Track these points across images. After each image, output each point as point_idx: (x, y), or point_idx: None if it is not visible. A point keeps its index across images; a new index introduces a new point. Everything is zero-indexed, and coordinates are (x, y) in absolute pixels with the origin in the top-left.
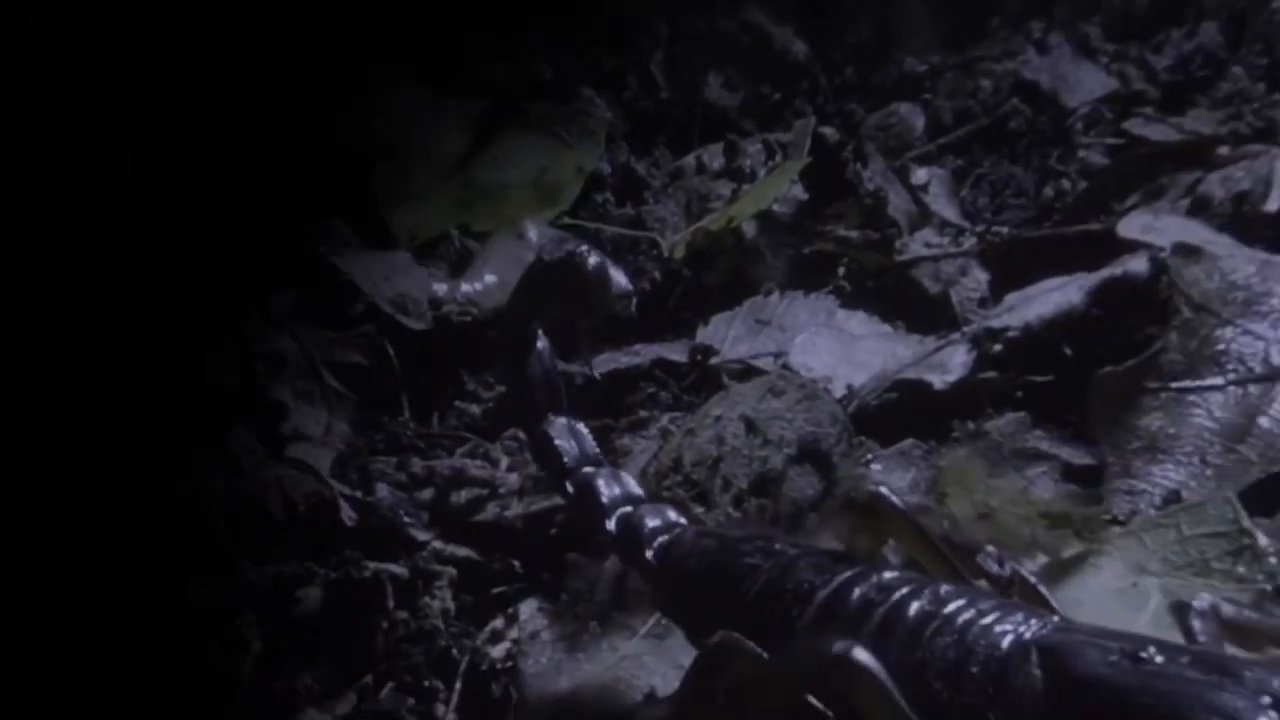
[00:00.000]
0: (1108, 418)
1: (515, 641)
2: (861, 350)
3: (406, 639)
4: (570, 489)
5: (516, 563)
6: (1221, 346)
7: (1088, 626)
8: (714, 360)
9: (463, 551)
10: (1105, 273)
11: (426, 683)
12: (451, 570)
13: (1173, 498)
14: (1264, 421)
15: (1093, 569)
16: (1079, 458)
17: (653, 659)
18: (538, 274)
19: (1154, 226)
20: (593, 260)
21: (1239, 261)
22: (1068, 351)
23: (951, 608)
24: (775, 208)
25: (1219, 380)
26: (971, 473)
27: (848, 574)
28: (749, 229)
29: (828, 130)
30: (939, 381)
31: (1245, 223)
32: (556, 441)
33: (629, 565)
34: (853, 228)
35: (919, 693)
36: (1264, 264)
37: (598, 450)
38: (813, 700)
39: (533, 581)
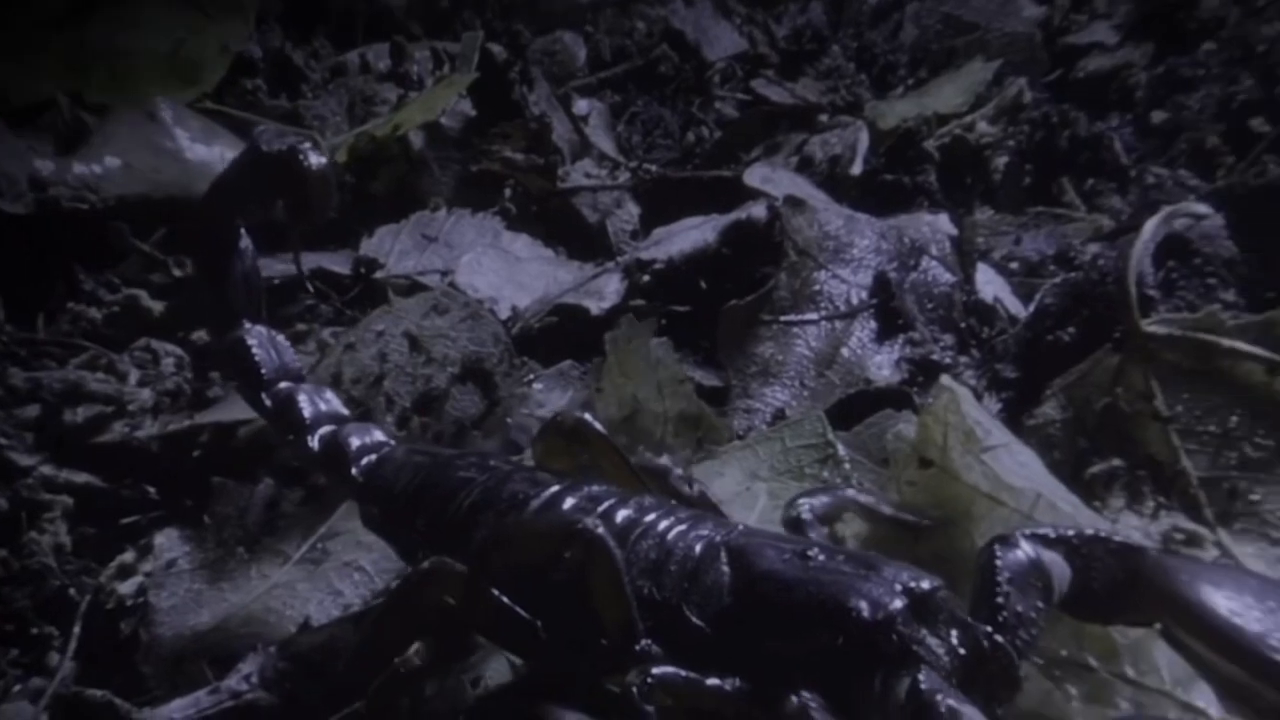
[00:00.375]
0: (732, 345)
1: (149, 575)
2: (525, 273)
3: (7, 581)
4: (268, 403)
5: (151, 489)
6: (817, 287)
7: (766, 532)
8: (379, 274)
9: (81, 478)
10: (733, 216)
11: (35, 630)
12: (66, 499)
13: (779, 415)
14: (845, 351)
15: (716, 475)
16: (710, 380)
17: (307, 586)
18: (252, 165)
19: (771, 178)
20: (316, 159)
21: (831, 215)
22: (703, 285)
23: (652, 516)
24: (443, 121)
25: (814, 315)
26: (625, 376)
27: (559, 486)
28: (416, 140)
29: (496, 48)
30: (595, 307)
31: (837, 182)
32: (254, 351)
33: (334, 483)
34: (518, 150)
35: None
36: (849, 219)
37: (299, 364)
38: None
39: (171, 509)
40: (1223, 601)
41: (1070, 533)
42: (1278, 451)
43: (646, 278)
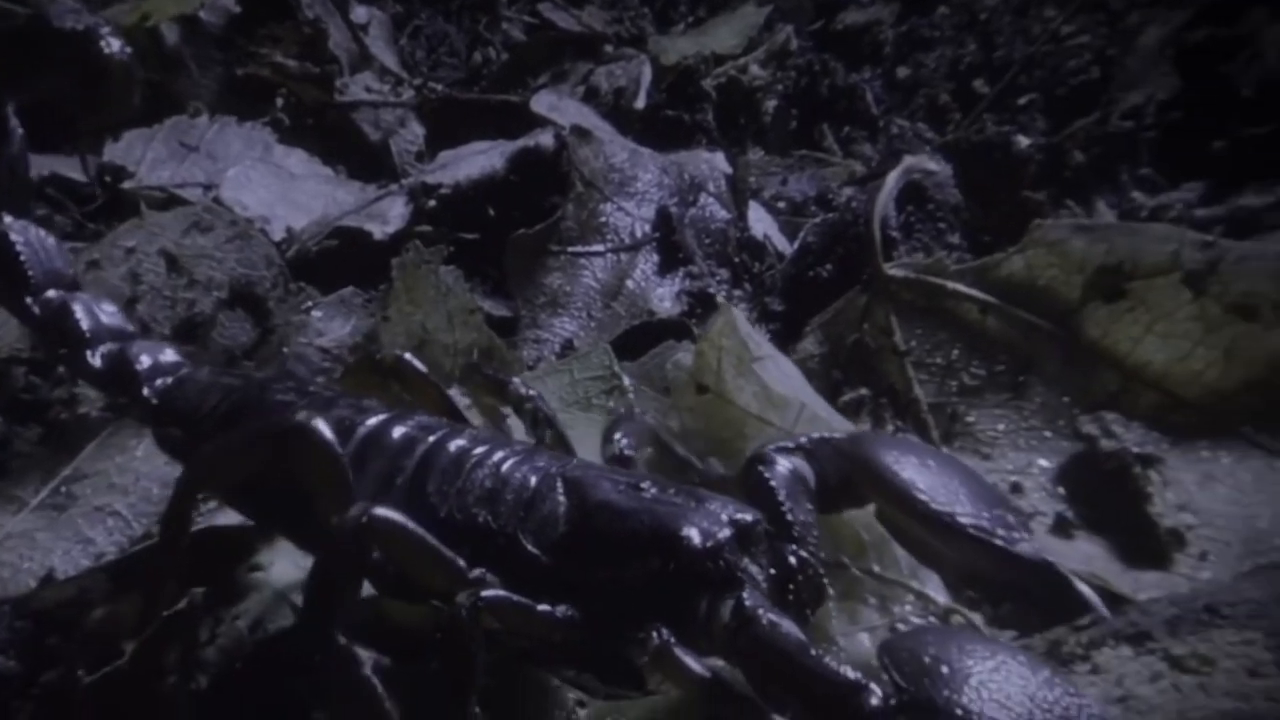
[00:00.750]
0: (521, 275)
1: None
2: (301, 191)
3: None
4: (36, 311)
5: None
6: (603, 219)
7: (601, 465)
8: (127, 184)
9: None
10: (521, 143)
11: None
12: None
13: (568, 346)
14: (630, 284)
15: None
16: (499, 310)
17: (49, 535)
18: (34, 38)
19: (558, 106)
20: (118, 46)
21: (616, 148)
22: (491, 212)
23: (486, 447)
24: (203, 15)
25: (601, 247)
26: (413, 304)
27: (387, 414)
28: (170, 34)
29: None
30: (379, 231)
31: (622, 114)
32: (19, 249)
33: (121, 403)
34: (290, 56)
35: (461, 518)
36: (633, 152)
37: (73, 271)
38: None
39: None
40: (914, 476)
41: (804, 439)
42: (988, 380)
43: (433, 203)
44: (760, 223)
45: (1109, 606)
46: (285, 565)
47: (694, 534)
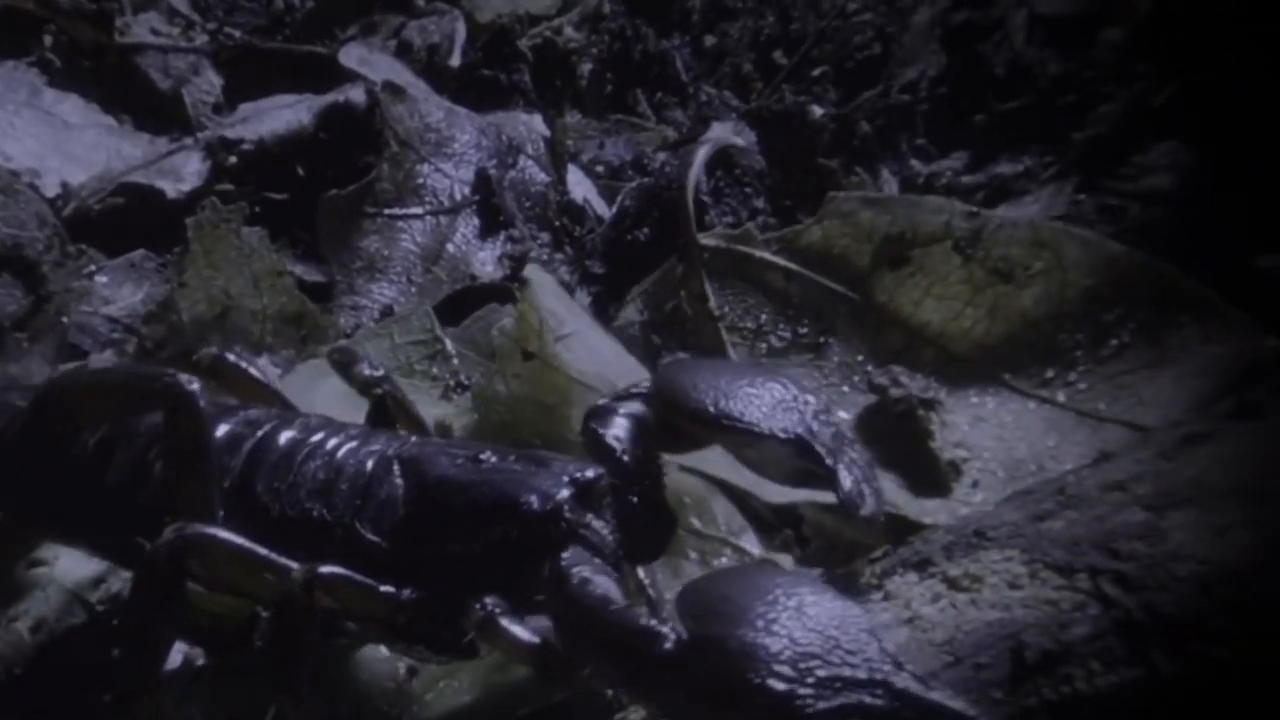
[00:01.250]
0: (335, 238)
1: None
2: (78, 142)
3: None
4: None
5: None
6: (421, 180)
7: (441, 440)
8: None
9: None
10: (330, 97)
11: None
12: None
13: (387, 312)
14: (451, 247)
15: (322, 376)
16: (312, 275)
17: None
18: None
19: (369, 60)
20: None
21: (431, 106)
22: (300, 171)
23: (320, 435)
24: None
25: (419, 210)
26: (213, 268)
27: (265, 430)
28: None
29: None
30: (172, 189)
31: (436, 72)
32: None
33: None
34: None
35: (295, 515)
36: (450, 112)
37: None
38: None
39: None
40: (705, 390)
41: (639, 385)
42: (793, 341)
43: (233, 159)
44: (579, 186)
45: (896, 539)
46: (72, 561)
47: (533, 498)
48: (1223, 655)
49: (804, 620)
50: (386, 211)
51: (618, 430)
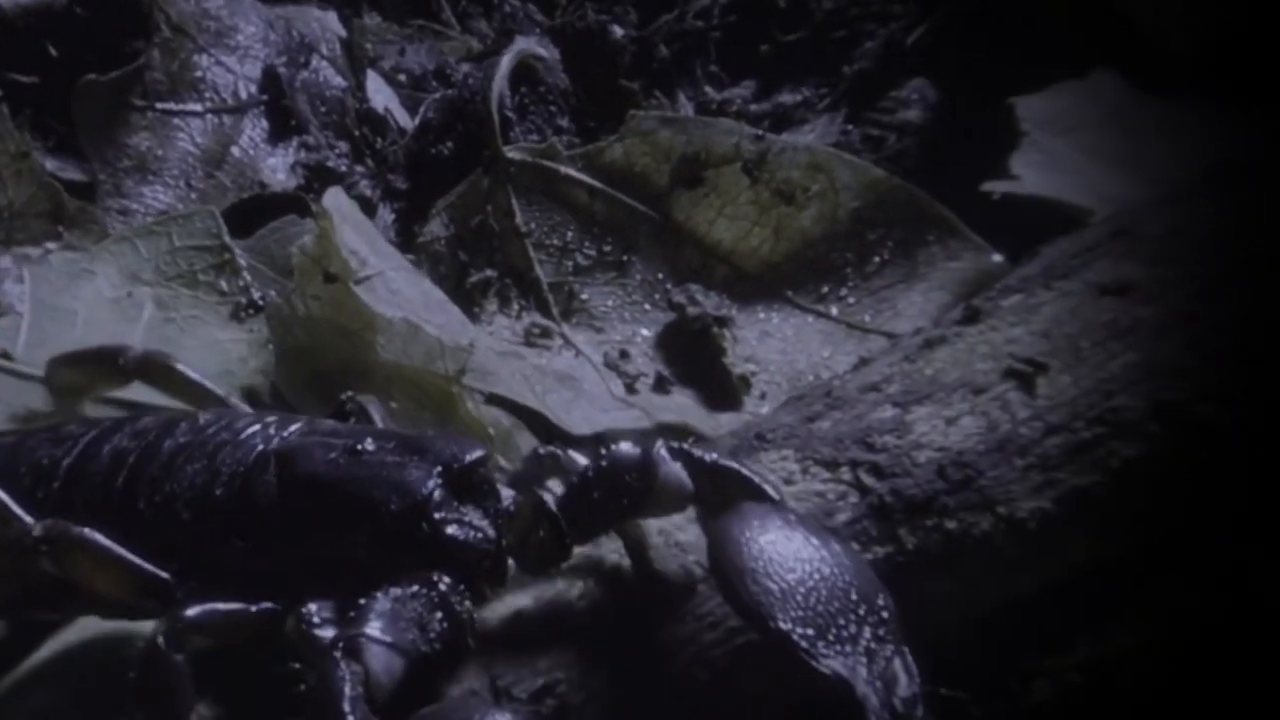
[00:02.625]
0: (94, 131)
1: None
2: None
3: None
4: None
5: None
6: (199, 73)
7: (330, 426)
8: None
9: None
10: None
11: None
12: None
13: None
14: (236, 151)
15: (83, 275)
16: (69, 171)
17: None
18: None
19: None
20: None
21: None
22: (52, 51)
23: (208, 434)
24: None
25: (198, 106)
26: None
27: (93, 433)
28: None
29: None
30: None
31: None
32: None
33: None
34: None
35: (171, 531)
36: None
37: None
38: None
39: None
40: (754, 566)
41: (709, 457)
42: (598, 259)
43: None
44: (380, 94)
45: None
46: None
47: (392, 498)
48: (951, 527)
49: None
50: (159, 106)
51: (617, 460)
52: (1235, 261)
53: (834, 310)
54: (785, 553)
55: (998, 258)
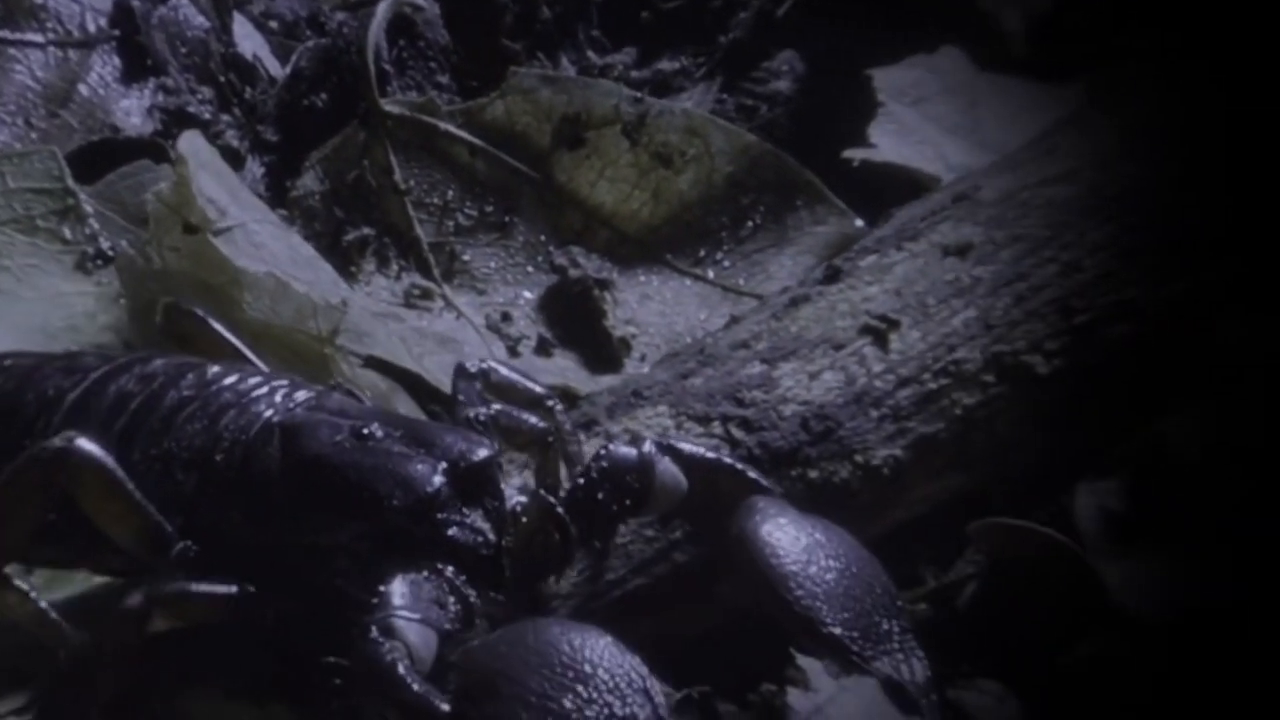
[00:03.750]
0: None
1: None
2: None
3: None
4: None
5: None
6: (40, 1)
7: (338, 402)
8: None
9: None
10: None
11: None
12: None
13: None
14: (83, 89)
15: None
16: None
17: None
18: None
19: None
20: None
21: None
22: None
23: (213, 389)
24: None
25: (39, 37)
26: None
27: (104, 370)
28: None
29: None
30: None
31: None
32: None
33: None
34: None
35: (164, 489)
36: None
37: None
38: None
39: None
40: (789, 566)
41: (701, 453)
42: (480, 220)
43: None
44: (249, 40)
45: (570, 406)
46: None
47: (397, 493)
48: (814, 477)
49: (574, 690)
50: None
51: (616, 462)
52: (1053, 225)
53: (710, 273)
54: (815, 553)
55: (859, 222)
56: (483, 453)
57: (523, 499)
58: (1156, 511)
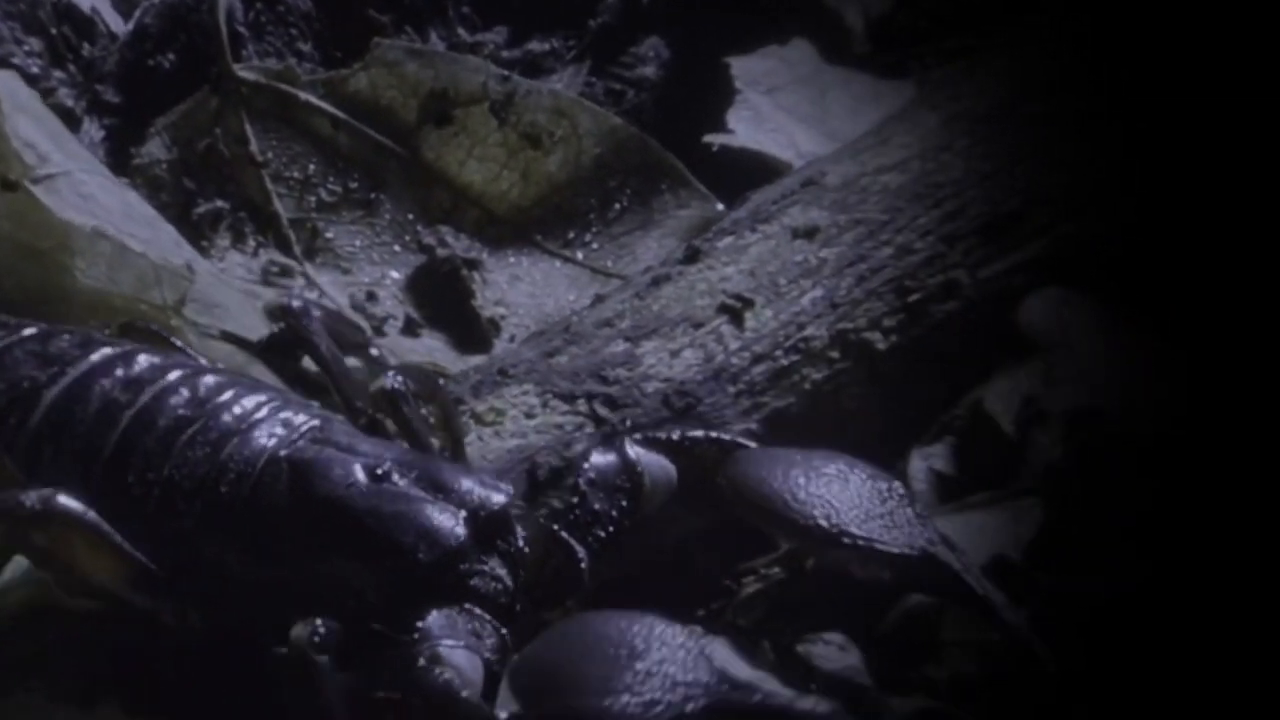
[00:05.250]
0: None
1: None
2: None
3: None
4: None
5: None
6: None
7: (342, 431)
8: None
9: None
10: None
11: None
12: None
13: None
14: None
15: None
16: None
17: None
18: None
19: None
20: None
21: None
22: None
23: (211, 408)
24: None
25: None
26: None
27: (84, 366)
28: None
29: None
30: None
31: None
32: None
33: None
34: None
35: (164, 520)
36: None
37: None
38: None
39: None
40: (786, 492)
41: (675, 434)
42: (344, 196)
43: None
44: None
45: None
46: None
47: (421, 547)
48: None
49: (631, 667)
50: None
51: (601, 471)
52: (888, 210)
53: (579, 255)
54: (808, 472)
55: (720, 206)
56: (500, 498)
57: (525, 533)
58: (976, 471)
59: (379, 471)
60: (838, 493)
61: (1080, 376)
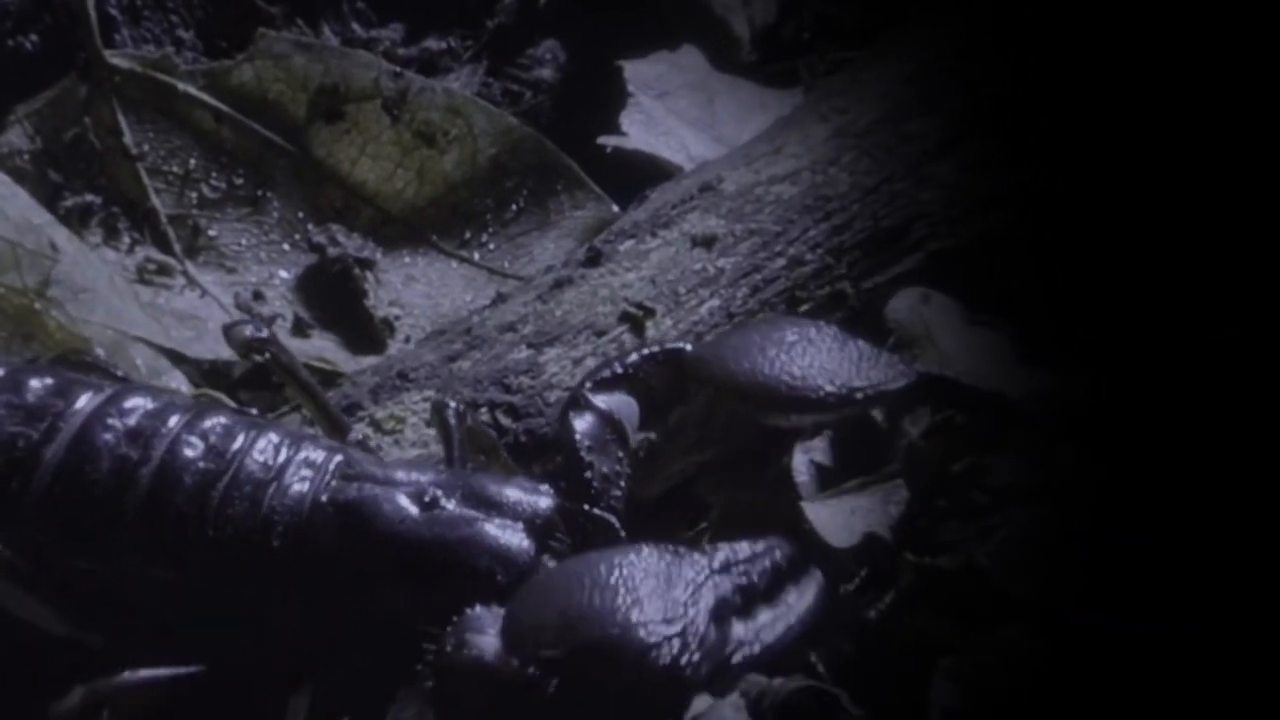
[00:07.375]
0: None
1: None
2: None
3: None
4: None
5: None
6: None
7: (368, 460)
8: None
9: None
10: None
11: None
12: None
13: None
14: None
15: None
16: None
17: None
18: None
19: None
20: None
21: None
22: None
23: (231, 456)
24: None
25: None
26: None
27: (80, 419)
28: None
29: None
30: None
31: None
32: None
33: None
34: None
35: (217, 576)
36: None
37: None
38: None
39: None
40: (758, 369)
41: (621, 367)
42: (228, 193)
43: None
44: None
45: (327, 387)
46: None
47: (496, 568)
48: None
49: (637, 595)
50: None
51: (591, 433)
52: (781, 221)
53: (476, 255)
54: (769, 341)
55: (615, 207)
56: (549, 502)
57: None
58: (852, 461)
59: (426, 499)
60: (823, 358)
61: (941, 365)
